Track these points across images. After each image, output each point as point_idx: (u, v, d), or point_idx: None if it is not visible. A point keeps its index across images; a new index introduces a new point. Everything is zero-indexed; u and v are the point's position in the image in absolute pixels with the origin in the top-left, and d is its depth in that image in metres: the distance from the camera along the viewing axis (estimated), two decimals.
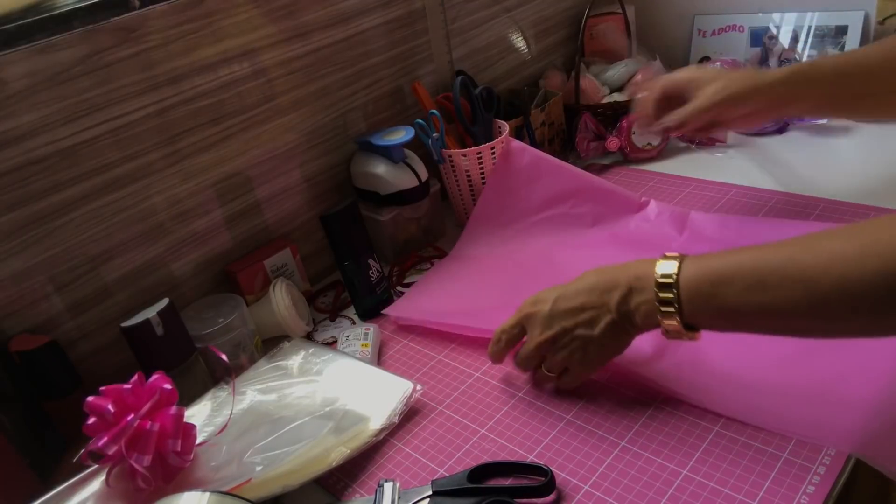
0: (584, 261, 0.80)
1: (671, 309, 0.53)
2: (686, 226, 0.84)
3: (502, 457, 0.60)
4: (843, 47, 1.11)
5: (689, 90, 0.78)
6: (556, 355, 0.62)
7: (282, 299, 0.81)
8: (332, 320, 0.87)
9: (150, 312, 0.68)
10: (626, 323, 0.57)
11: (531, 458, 0.60)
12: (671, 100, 0.80)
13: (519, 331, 0.64)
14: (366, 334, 0.78)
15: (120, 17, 0.68)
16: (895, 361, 0.58)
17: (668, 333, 0.55)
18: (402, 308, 0.83)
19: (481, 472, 0.58)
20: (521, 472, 0.58)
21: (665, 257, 0.55)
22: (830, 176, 0.90)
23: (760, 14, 1.20)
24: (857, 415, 0.55)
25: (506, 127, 0.97)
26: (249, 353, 0.78)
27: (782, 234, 0.77)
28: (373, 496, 0.57)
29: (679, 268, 0.53)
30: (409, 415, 0.67)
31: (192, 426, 0.61)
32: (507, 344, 0.66)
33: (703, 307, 0.52)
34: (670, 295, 0.53)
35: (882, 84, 0.73)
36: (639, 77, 1.18)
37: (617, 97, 1.18)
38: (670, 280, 0.53)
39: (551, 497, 0.55)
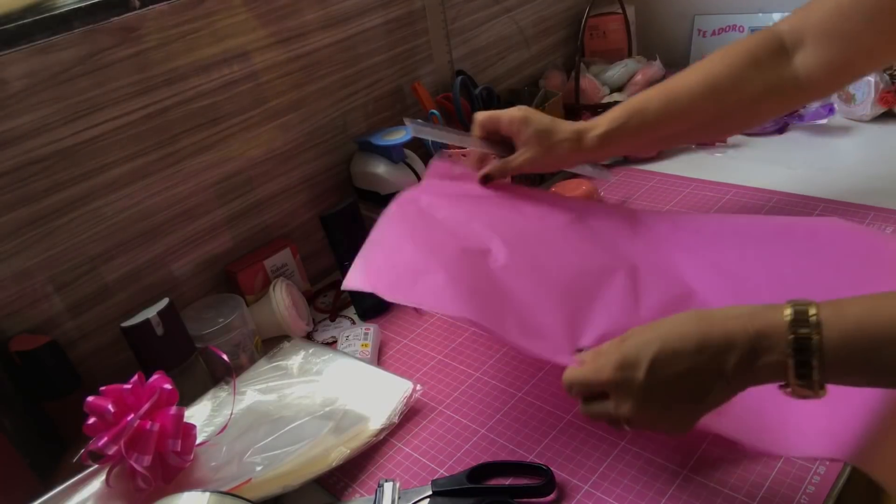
0: (555, 238, 0.71)
1: (810, 371, 0.44)
2: (638, 226, 0.75)
3: (502, 457, 0.60)
4: None
5: (511, 134, 0.74)
6: (646, 423, 0.52)
7: (282, 299, 0.81)
8: (332, 320, 0.87)
9: (150, 312, 0.68)
10: (739, 383, 0.48)
11: (531, 458, 0.60)
12: (493, 133, 0.76)
13: (600, 392, 0.52)
14: (366, 334, 0.78)
15: (120, 17, 0.69)
16: None
17: (794, 393, 0.46)
18: (368, 274, 0.65)
19: (481, 472, 0.58)
20: (520, 472, 0.58)
21: (792, 307, 0.45)
22: (830, 176, 0.90)
23: (760, 14, 1.20)
24: (852, 424, 0.54)
25: None
26: (249, 353, 0.78)
27: (748, 230, 0.73)
28: (373, 496, 0.57)
29: (819, 325, 0.44)
30: (409, 415, 0.67)
31: (192, 426, 0.61)
32: (578, 396, 0.54)
33: (853, 369, 0.45)
34: (811, 355, 0.44)
35: (702, 115, 0.72)
36: (639, 77, 1.18)
37: (617, 97, 1.18)
38: (811, 338, 0.44)
39: (551, 497, 0.55)
